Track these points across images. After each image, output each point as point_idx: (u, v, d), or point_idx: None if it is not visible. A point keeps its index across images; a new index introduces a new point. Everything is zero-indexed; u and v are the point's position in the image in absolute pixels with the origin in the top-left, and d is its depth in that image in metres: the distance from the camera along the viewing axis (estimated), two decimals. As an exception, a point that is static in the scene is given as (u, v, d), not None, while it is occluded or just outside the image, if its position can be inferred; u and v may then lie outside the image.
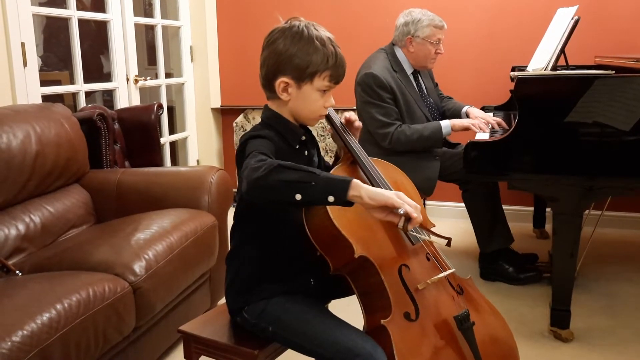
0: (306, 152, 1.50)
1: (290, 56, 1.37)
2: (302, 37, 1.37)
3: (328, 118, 1.53)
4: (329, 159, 1.69)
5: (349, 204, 1.19)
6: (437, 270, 1.49)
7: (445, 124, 2.68)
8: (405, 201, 1.20)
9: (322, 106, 1.43)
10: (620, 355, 2.14)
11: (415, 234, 1.47)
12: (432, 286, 1.44)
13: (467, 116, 2.86)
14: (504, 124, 2.70)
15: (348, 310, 1.60)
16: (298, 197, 1.17)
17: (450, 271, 1.50)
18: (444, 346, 1.39)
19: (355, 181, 1.18)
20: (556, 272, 2.23)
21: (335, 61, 1.38)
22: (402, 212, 1.19)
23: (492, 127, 2.67)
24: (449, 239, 1.48)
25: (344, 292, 1.51)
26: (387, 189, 1.46)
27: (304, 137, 1.48)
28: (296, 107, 1.43)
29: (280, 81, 1.39)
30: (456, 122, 2.69)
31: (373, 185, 1.46)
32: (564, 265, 2.20)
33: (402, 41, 2.78)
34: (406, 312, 1.36)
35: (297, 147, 1.46)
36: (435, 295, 1.44)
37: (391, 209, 1.19)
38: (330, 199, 1.17)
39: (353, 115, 1.56)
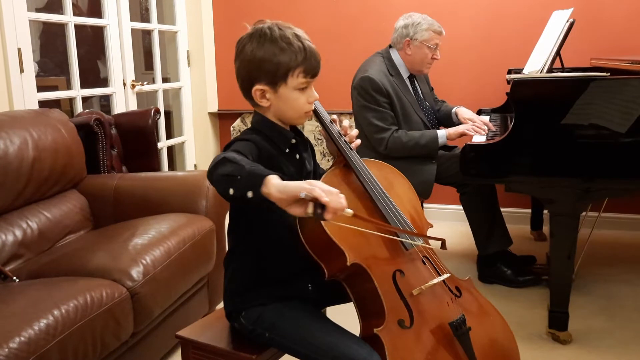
0: (297, 156, 1.48)
1: (258, 62, 1.35)
2: (266, 39, 1.35)
3: (319, 119, 1.52)
4: (327, 162, 1.69)
5: (267, 201, 1.12)
6: (433, 275, 1.48)
7: (442, 133, 2.70)
8: (316, 186, 1.10)
9: (305, 103, 1.40)
10: (618, 357, 2.14)
11: (403, 239, 1.45)
12: (427, 291, 1.43)
13: (456, 116, 2.88)
14: (491, 125, 2.71)
15: (345, 315, 1.60)
16: (231, 191, 1.14)
17: (445, 276, 1.48)
18: (440, 353, 1.39)
19: (270, 177, 1.11)
20: (554, 274, 2.23)
21: (304, 55, 1.35)
22: (303, 195, 1.07)
23: (489, 129, 2.68)
24: (443, 240, 1.47)
25: (342, 298, 1.50)
26: (379, 190, 1.46)
27: (294, 141, 1.46)
28: (279, 110, 1.41)
29: (255, 89, 1.38)
30: (451, 130, 2.71)
31: (364, 187, 1.45)
32: (561, 267, 2.20)
33: (400, 43, 2.79)
34: (400, 319, 1.36)
35: (288, 150, 1.45)
36: (430, 300, 1.43)
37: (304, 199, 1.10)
38: (249, 194, 1.12)
39: (348, 130, 1.52)
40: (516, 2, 3.49)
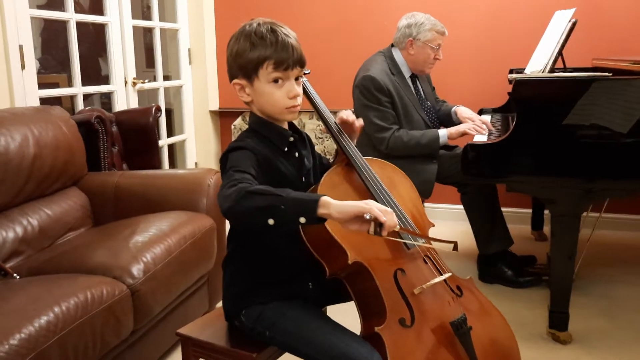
0: (297, 154, 1.47)
1: (235, 57, 1.38)
2: (241, 35, 1.38)
3: (322, 118, 1.52)
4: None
5: (322, 220, 1.18)
6: (435, 274, 1.48)
7: (443, 133, 2.70)
8: (373, 206, 1.17)
9: (282, 97, 1.37)
10: (618, 358, 2.14)
11: (412, 242, 1.45)
12: (428, 290, 1.43)
13: (456, 115, 2.89)
14: (489, 124, 2.71)
15: (346, 314, 1.60)
16: (271, 221, 1.16)
17: (447, 275, 1.48)
18: (441, 352, 1.38)
19: (324, 198, 1.16)
20: (554, 274, 2.23)
21: (275, 49, 1.34)
22: (368, 217, 1.16)
23: (489, 129, 2.68)
24: (455, 243, 1.47)
25: (343, 297, 1.50)
26: (382, 189, 1.46)
27: (292, 139, 1.46)
28: (259, 105, 1.41)
29: (234, 83, 1.41)
30: (452, 130, 2.71)
31: (366, 186, 1.46)
32: (562, 268, 2.20)
33: (403, 43, 2.78)
34: (401, 318, 1.36)
35: (286, 149, 1.44)
36: (432, 299, 1.43)
37: (363, 218, 1.17)
38: (302, 220, 1.16)
39: (350, 116, 1.52)
40: (518, 2, 3.48)
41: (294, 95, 1.38)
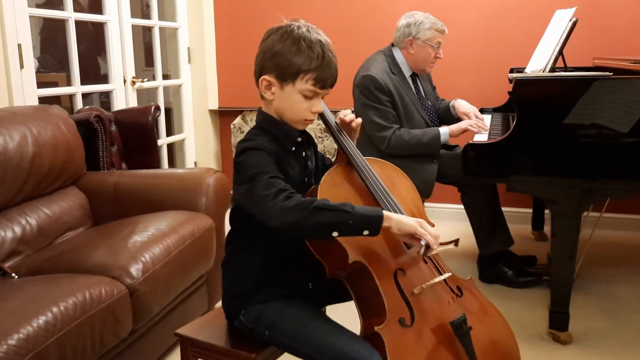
0: (303, 154, 1.48)
1: (274, 54, 1.35)
2: (289, 36, 1.35)
3: (322, 117, 1.51)
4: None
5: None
6: (435, 274, 1.48)
7: (444, 131, 2.69)
8: (427, 230, 1.30)
9: (306, 110, 1.39)
10: (619, 358, 2.14)
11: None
12: (428, 290, 1.42)
13: (454, 109, 2.89)
14: (484, 122, 2.72)
15: (345, 314, 1.59)
16: (335, 234, 1.25)
17: (447, 275, 1.48)
18: (440, 352, 1.38)
19: (387, 214, 1.27)
20: (555, 274, 2.23)
21: (320, 64, 1.34)
22: (423, 244, 1.30)
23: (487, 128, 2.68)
24: (456, 240, 1.47)
25: (343, 297, 1.50)
26: (382, 189, 1.46)
27: (299, 139, 1.46)
28: (280, 107, 1.40)
29: (263, 79, 1.38)
30: (454, 127, 2.70)
31: (367, 186, 1.45)
32: (562, 268, 2.19)
33: (403, 43, 2.78)
34: (401, 317, 1.35)
35: (293, 149, 1.45)
36: (431, 299, 1.43)
37: (414, 236, 1.30)
38: (366, 232, 1.26)
39: (349, 115, 1.52)
40: (519, 1, 3.48)
41: (317, 111, 1.41)
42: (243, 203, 1.35)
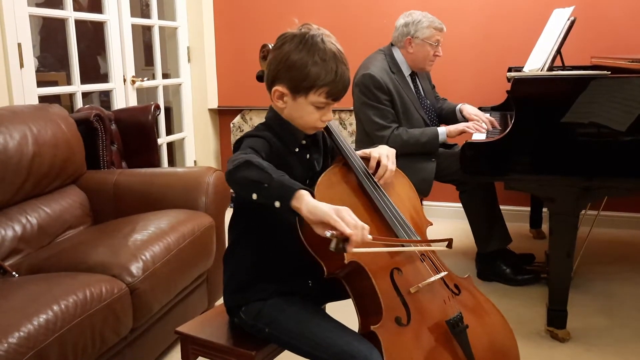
0: (307, 156, 1.49)
1: (289, 65, 1.34)
2: (305, 46, 1.34)
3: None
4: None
5: (296, 214, 1.18)
6: (431, 273, 1.48)
7: (442, 130, 2.70)
8: (345, 220, 1.15)
9: (317, 119, 1.40)
10: (617, 355, 2.15)
11: (406, 249, 1.45)
12: (425, 289, 1.43)
13: (461, 113, 2.88)
14: (496, 123, 2.71)
15: (345, 312, 1.60)
16: (254, 196, 1.19)
17: (443, 274, 1.48)
18: (438, 350, 1.38)
19: (302, 192, 1.17)
20: (553, 272, 2.23)
21: (334, 78, 1.34)
22: (328, 235, 1.14)
23: (492, 127, 2.68)
24: (450, 240, 1.47)
25: (342, 295, 1.50)
26: (378, 189, 1.46)
27: (304, 142, 1.47)
28: (291, 115, 1.42)
29: (275, 89, 1.39)
30: (451, 128, 2.71)
31: (362, 187, 1.46)
32: (560, 266, 2.20)
33: (401, 42, 2.78)
34: (397, 316, 1.35)
35: (297, 150, 1.46)
36: (428, 298, 1.43)
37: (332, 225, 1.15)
38: (277, 204, 1.17)
39: (385, 176, 1.51)
40: (517, 0, 3.48)
41: (327, 120, 1.42)
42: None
